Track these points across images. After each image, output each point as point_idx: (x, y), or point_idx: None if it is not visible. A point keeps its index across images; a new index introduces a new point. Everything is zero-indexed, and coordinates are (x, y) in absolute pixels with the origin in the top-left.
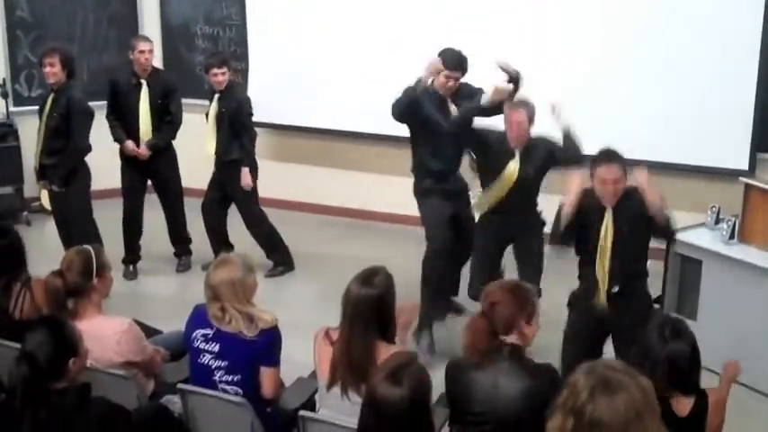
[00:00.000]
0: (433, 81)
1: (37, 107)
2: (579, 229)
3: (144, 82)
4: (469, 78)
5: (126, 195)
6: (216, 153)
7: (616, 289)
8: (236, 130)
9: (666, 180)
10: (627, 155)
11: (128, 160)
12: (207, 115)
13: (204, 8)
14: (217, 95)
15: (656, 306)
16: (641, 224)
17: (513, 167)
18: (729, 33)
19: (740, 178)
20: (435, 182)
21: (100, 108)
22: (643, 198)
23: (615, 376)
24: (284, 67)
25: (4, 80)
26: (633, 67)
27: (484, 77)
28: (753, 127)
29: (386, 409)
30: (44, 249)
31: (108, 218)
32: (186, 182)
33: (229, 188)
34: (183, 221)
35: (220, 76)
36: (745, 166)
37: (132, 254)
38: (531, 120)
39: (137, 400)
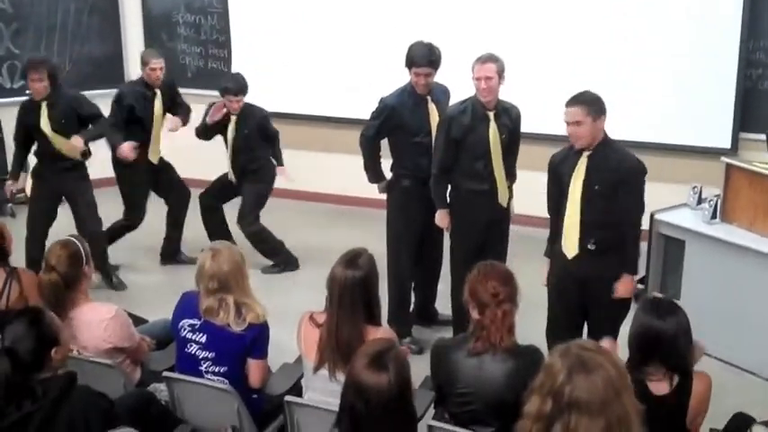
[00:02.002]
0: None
1: (20, 98)
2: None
3: (158, 92)
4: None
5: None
6: (238, 172)
7: (592, 245)
8: (266, 141)
9: (649, 159)
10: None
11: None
12: (225, 140)
13: None
14: (233, 118)
15: (640, 286)
16: (613, 179)
17: (492, 130)
18: (711, 13)
19: (722, 158)
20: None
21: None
22: (619, 152)
23: (590, 356)
24: (267, 54)
25: None
26: (616, 48)
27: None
28: (735, 106)
29: (375, 396)
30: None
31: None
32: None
33: (245, 191)
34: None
35: (235, 104)
36: (727, 145)
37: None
38: (500, 75)
39: (123, 388)
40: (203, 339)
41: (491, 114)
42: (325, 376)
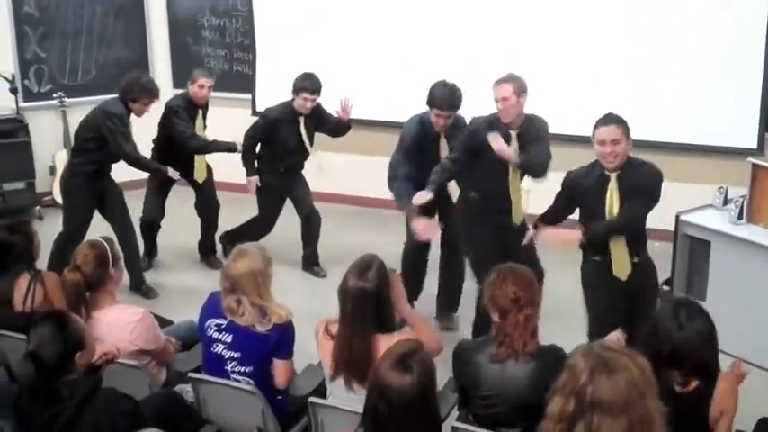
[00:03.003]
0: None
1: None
2: (581, 207)
3: (200, 111)
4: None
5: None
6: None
7: (636, 259)
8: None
9: (675, 159)
10: (637, 135)
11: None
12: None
13: None
14: (302, 119)
15: (666, 288)
16: (640, 193)
17: (514, 148)
18: (739, 14)
19: (748, 158)
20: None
21: None
22: (643, 167)
23: (613, 356)
24: (291, 57)
25: (13, 76)
26: (643, 48)
27: (492, 65)
28: (761, 107)
29: (397, 397)
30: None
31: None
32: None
33: (296, 192)
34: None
35: (310, 103)
36: (753, 145)
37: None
38: (518, 94)
39: (149, 389)
40: (229, 339)
41: (513, 134)
42: (342, 385)
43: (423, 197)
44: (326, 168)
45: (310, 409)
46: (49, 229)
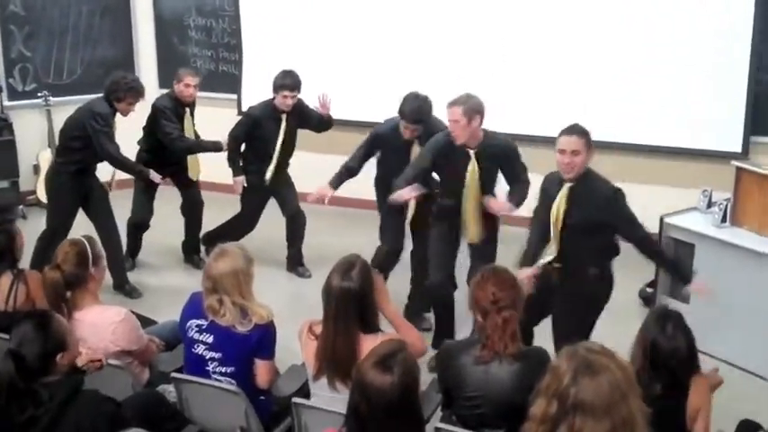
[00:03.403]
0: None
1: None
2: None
3: (187, 110)
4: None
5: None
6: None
7: (594, 270)
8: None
9: (660, 162)
10: (621, 138)
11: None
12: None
13: None
14: (284, 116)
15: (650, 290)
16: (594, 216)
17: (471, 169)
18: (723, 17)
19: (732, 162)
20: None
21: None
22: (597, 187)
23: (596, 358)
24: (278, 58)
25: None
26: (630, 51)
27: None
28: (746, 110)
29: (377, 397)
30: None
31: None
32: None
33: (281, 191)
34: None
35: (290, 100)
36: (738, 149)
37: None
38: (469, 116)
39: (132, 389)
40: (210, 340)
41: (471, 152)
42: (325, 384)
43: (405, 193)
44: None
45: (294, 410)
46: (32, 227)
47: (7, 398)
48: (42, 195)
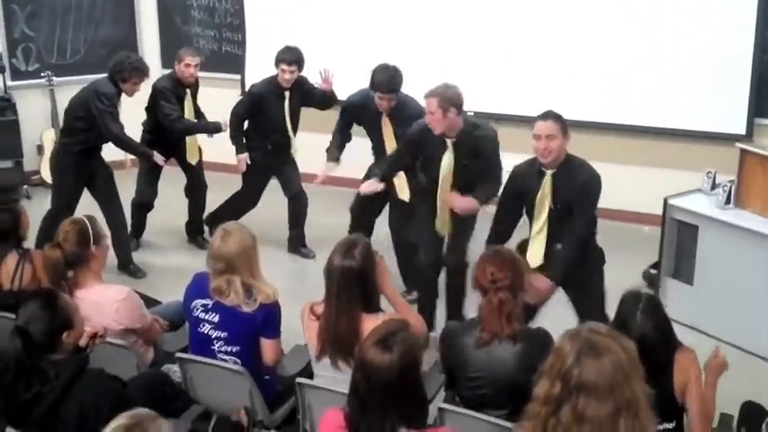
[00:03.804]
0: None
1: (35, 81)
2: (525, 203)
3: (188, 91)
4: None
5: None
6: (282, 148)
7: (558, 246)
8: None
9: (664, 144)
10: (624, 120)
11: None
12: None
13: None
14: (287, 93)
15: (654, 271)
16: (575, 197)
17: (447, 159)
18: (727, 1)
19: (736, 144)
20: None
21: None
22: (580, 170)
23: (600, 339)
24: (281, 38)
25: (0, 55)
26: (631, 33)
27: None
28: (750, 92)
29: (376, 375)
30: None
31: None
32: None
33: (284, 171)
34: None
35: (288, 74)
36: (742, 131)
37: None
38: (444, 109)
39: (137, 368)
40: (216, 319)
41: (449, 142)
42: (328, 365)
43: (371, 186)
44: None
45: (298, 390)
46: (36, 207)
47: (15, 374)
48: (46, 175)
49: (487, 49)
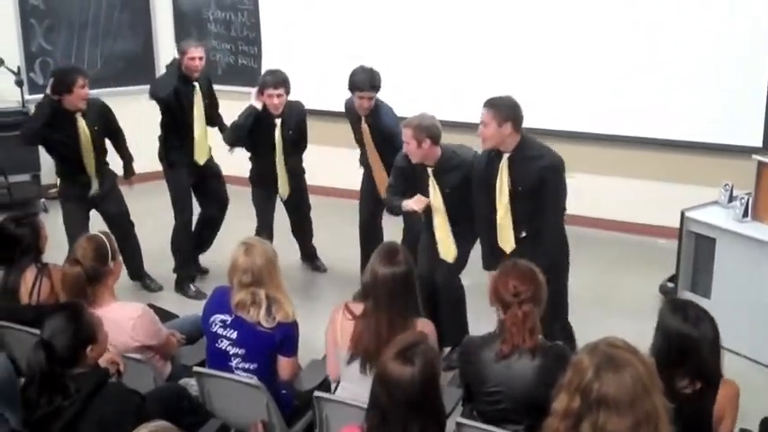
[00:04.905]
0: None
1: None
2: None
3: (196, 85)
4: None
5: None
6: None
7: (524, 234)
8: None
9: (681, 157)
10: (641, 132)
11: (182, 171)
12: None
13: None
14: (279, 120)
15: (670, 285)
16: (534, 180)
17: (432, 189)
18: (741, 10)
19: (753, 156)
20: None
21: (110, 95)
22: (537, 153)
23: (619, 353)
24: (297, 51)
25: (18, 68)
26: (649, 46)
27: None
28: (767, 104)
29: (396, 388)
30: (62, 236)
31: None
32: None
33: (297, 198)
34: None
35: (276, 99)
36: (758, 142)
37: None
38: (418, 140)
39: (154, 382)
40: (234, 335)
41: (429, 170)
42: (357, 369)
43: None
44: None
45: (315, 404)
46: (54, 221)
47: (37, 387)
48: None
49: (513, 63)
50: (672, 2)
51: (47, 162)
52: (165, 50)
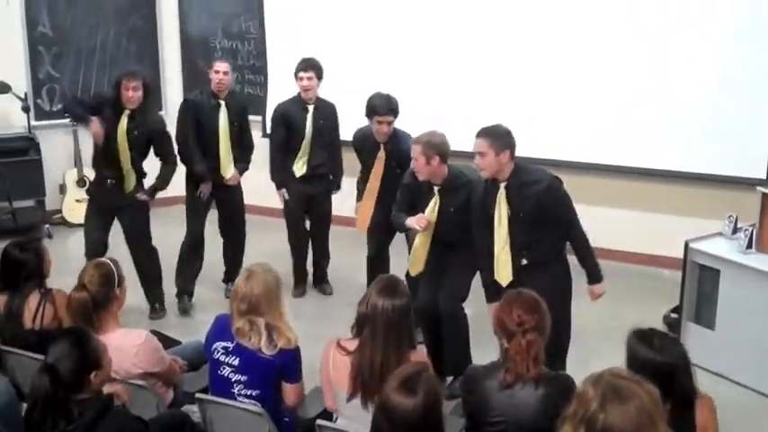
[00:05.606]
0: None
1: (59, 121)
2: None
3: (223, 102)
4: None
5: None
6: (309, 168)
7: (524, 262)
8: (331, 142)
9: (684, 189)
10: (645, 163)
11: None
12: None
13: (223, 22)
14: (311, 107)
15: (674, 316)
16: (533, 205)
17: (432, 205)
18: (744, 41)
19: (758, 188)
20: None
21: None
22: (532, 178)
23: (623, 384)
24: None
25: (25, 95)
26: (652, 78)
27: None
28: None
29: (400, 418)
30: (66, 261)
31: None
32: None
33: (318, 205)
34: (243, 248)
35: (306, 81)
36: (762, 174)
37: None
38: (427, 156)
39: (156, 409)
40: (236, 362)
41: (435, 189)
42: (358, 405)
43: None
44: None
45: None
46: (58, 247)
47: (41, 412)
48: (68, 214)
49: (511, 91)
50: (675, 34)
51: (52, 188)
52: (172, 79)
